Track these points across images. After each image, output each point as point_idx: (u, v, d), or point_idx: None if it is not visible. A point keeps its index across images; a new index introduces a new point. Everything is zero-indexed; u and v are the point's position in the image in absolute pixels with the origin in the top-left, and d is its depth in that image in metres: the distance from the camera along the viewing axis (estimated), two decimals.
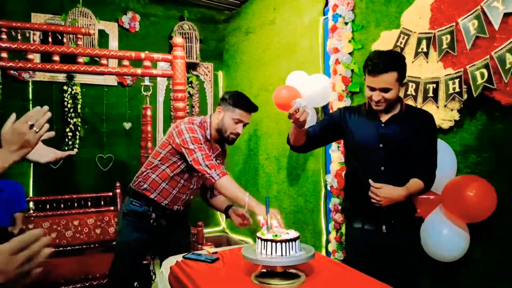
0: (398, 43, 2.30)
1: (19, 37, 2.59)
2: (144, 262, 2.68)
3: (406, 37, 2.26)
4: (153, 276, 2.76)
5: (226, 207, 2.27)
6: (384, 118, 1.90)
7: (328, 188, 2.97)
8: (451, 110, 2.05)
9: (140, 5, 4.38)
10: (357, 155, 1.96)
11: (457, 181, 1.98)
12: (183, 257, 1.99)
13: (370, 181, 1.79)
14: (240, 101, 2.07)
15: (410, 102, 2.25)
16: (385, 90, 1.79)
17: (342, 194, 2.80)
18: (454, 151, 2.06)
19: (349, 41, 2.73)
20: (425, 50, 2.14)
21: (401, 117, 1.87)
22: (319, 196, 3.17)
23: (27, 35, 3.53)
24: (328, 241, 3.03)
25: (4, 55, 2.44)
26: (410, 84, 2.22)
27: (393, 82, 1.76)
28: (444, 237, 2.00)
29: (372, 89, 1.81)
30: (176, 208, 2.23)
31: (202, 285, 1.64)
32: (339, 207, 2.82)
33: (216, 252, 2.05)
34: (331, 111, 2.90)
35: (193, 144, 2.01)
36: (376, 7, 2.55)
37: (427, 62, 2.14)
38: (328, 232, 3.04)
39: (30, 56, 2.49)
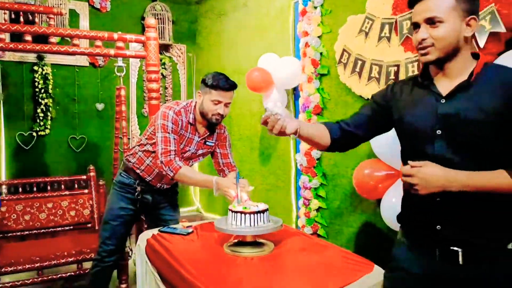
0: (363, 28, 2.42)
1: None
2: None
3: (370, 22, 2.38)
4: (130, 252, 2.85)
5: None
6: (446, 88, 1.27)
7: (298, 166, 3.11)
8: None
9: None
10: (410, 147, 1.37)
11: None
12: (159, 230, 2.09)
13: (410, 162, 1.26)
14: (215, 81, 2.12)
15: (373, 84, 2.38)
16: (432, 21, 1.21)
17: (310, 172, 2.95)
18: None
19: (318, 25, 2.83)
20: (387, 34, 2.27)
21: (476, 84, 1.22)
22: (289, 175, 3.31)
23: None
24: (298, 217, 3.18)
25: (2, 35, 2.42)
26: (374, 67, 2.36)
27: (447, 9, 1.19)
28: None
29: (416, 25, 1.26)
30: (160, 186, 2.34)
31: (178, 255, 1.75)
32: (308, 184, 2.96)
33: (190, 226, 2.16)
34: (301, 93, 3.02)
35: (160, 132, 2.13)
36: None
37: (389, 46, 2.27)
38: (298, 208, 3.19)
39: (1, 36, 2.47)
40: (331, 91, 2.79)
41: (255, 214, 1.77)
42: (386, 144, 2.15)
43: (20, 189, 3.13)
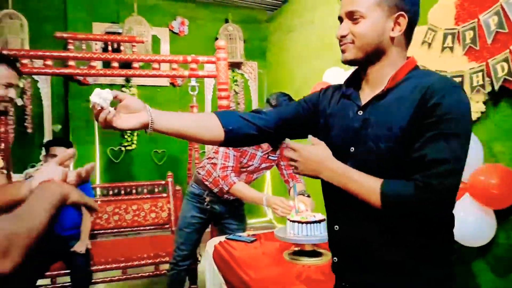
0: (426, 39, 2.41)
1: (84, 47, 2.95)
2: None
3: (433, 33, 2.36)
4: (199, 257, 3.08)
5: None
6: (365, 99, 1.12)
7: None
8: (477, 102, 2.14)
9: (187, 10, 4.71)
10: None
11: (483, 169, 2.08)
12: (225, 237, 2.26)
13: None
14: (278, 102, 2.22)
15: None
16: (353, 16, 1.07)
17: None
18: (480, 141, 2.15)
19: None
20: (450, 45, 2.24)
21: (392, 94, 1.06)
22: None
23: (90, 43, 3.95)
24: None
25: (72, 63, 2.80)
26: None
27: (369, 1, 1.05)
28: (471, 223, 2.10)
29: (340, 20, 1.12)
30: (226, 197, 2.52)
31: (241, 260, 1.89)
32: None
33: (254, 235, 2.30)
34: None
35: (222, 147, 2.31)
36: None
37: (452, 56, 2.24)
38: None
39: (93, 63, 2.84)
40: None
41: (312, 224, 1.85)
42: None
43: (111, 192, 3.57)
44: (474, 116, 2.18)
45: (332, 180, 1.08)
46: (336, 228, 1.17)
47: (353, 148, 1.11)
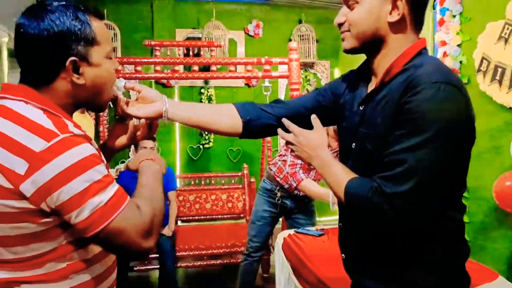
0: (503, 34, 2.33)
1: (168, 53, 3.26)
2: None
3: (510, 27, 2.28)
4: (272, 249, 3.24)
5: None
6: (370, 87, 1.09)
7: None
8: None
9: (262, 13, 4.90)
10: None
11: None
12: (295, 231, 2.39)
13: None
14: None
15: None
16: (348, 2, 1.02)
17: None
18: None
19: (457, 33, 2.78)
20: None
21: (387, 88, 1.00)
22: None
23: (174, 48, 4.30)
24: None
25: (158, 68, 3.11)
26: None
27: None
28: None
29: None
30: (296, 193, 2.65)
31: (308, 252, 2.01)
32: None
33: (322, 229, 2.40)
34: None
35: None
36: None
37: None
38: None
39: (176, 68, 3.13)
40: (472, 100, 2.70)
41: None
42: None
43: (192, 182, 3.91)
44: None
45: (319, 168, 1.07)
46: (340, 225, 1.17)
47: (354, 144, 1.07)
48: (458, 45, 2.80)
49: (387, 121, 0.95)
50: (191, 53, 3.38)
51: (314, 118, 1.14)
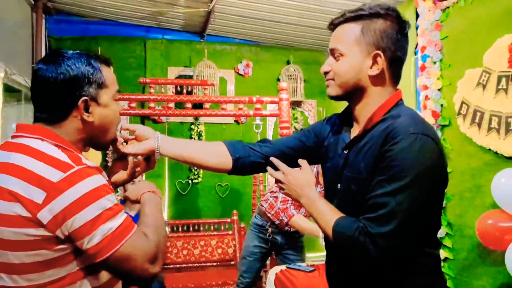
0: (481, 80, 2.51)
1: (162, 90, 3.36)
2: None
3: (487, 75, 2.46)
4: (264, 286, 3.25)
5: None
6: (353, 134, 1.17)
7: None
8: None
9: (252, 54, 5.09)
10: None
11: None
12: (287, 267, 2.43)
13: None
14: None
15: (494, 134, 2.41)
16: (334, 54, 1.13)
17: None
18: None
19: (438, 78, 2.97)
20: (504, 87, 2.33)
21: (369, 136, 1.10)
22: None
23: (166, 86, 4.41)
24: None
25: (152, 104, 3.20)
26: (493, 118, 2.40)
27: (350, 41, 1.10)
28: None
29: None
30: (287, 228, 2.71)
31: (300, 287, 2.05)
32: None
33: (313, 265, 2.45)
34: None
35: None
36: (461, 48, 2.78)
37: (507, 98, 2.31)
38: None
39: (170, 105, 3.22)
40: (453, 141, 2.85)
41: None
42: (510, 194, 2.17)
43: (180, 229, 3.84)
44: None
45: (307, 206, 1.15)
46: (327, 261, 1.25)
47: (339, 185, 1.16)
48: (438, 89, 2.98)
49: (370, 166, 1.05)
50: (184, 90, 3.50)
51: (301, 160, 1.22)
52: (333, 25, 1.18)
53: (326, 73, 1.16)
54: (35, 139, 1.00)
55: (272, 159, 1.23)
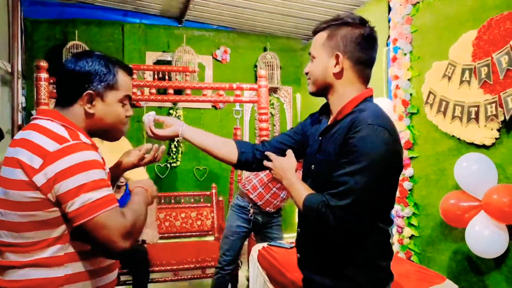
0: (447, 72, 2.72)
1: (141, 74, 3.43)
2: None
3: (453, 67, 2.67)
4: (240, 263, 3.42)
5: None
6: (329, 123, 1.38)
7: None
8: (491, 129, 2.42)
9: (230, 40, 5.18)
10: None
11: (497, 189, 2.34)
12: (268, 244, 2.60)
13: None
14: None
15: (457, 122, 2.64)
16: (310, 57, 1.36)
17: (403, 202, 3.22)
18: (495, 163, 2.41)
19: (408, 69, 3.18)
20: (468, 79, 2.54)
21: (339, 125, 1.29)
22: None
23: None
24: (392, 243, 3.44)
25: (134, 90, 3.26)
26: (457, 107, 2.63)
27: (318, 46, 1.32)
28: (486, 237, 2.36)
29: None
30: (268, 210, 2.87)
31: (283, 262, 2.23)
32: (401, 213, 3.23)
33: (292, 242, 2.63)
34: None
35: None
36: (429, 41, 2.98)
37: (470, 89, 2.54)
38: (392, 235, 3.45)
39: (152, 90, 3.30)
40: (420, 128, 3.08)
41: None
42: (470, 176, 2.40)
43: (162, 201, 3.99)
44: (490, 142, 2.46)
45: (286, 186, 1.36)
46: (298, 230, 1.45)
47: (313, 166, 1.38)
48: (408, 79, 3.19)
49: (336, 151, 1.24)
50: (161, 75, 3.56)
51: (288, 151, 1.44)
52: (313, 34, 1.38)
53: (306, 73, 1.37)
54: (46, 120, 1.18)
55: (266, 152, 1.46)
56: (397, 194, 3.27)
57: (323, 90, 1.35)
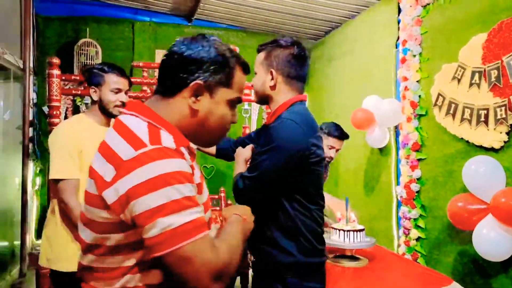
0: (456, 75, 2.72)
1: (152, 72, 3.46)
2: None
3: (462, 70, 2.67)
4: (250, 263, 3.43)
5: None
6: None
7: (399, 198, 3.41)
8: (500, 132, 2.42)
9: (239, 39, 5.20)
10: None
11: (505, 192, 2.34)
12: None
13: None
14: (333, 131, 2.63)
15: (466, 125, 2.64)
16: (255, 73, 1.61)
17: (410, 203, 3.23)
18: (503, 167, 2.41)
19: (417, 71, 3.18)
20: (477, 81, 2.55)
21: (265, 129, 1.60)
22: (390, 205, 3.61)
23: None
24: (398, 245, 3.45)
25: (145, 88, 3.30)
26: (466, 110, 2.63)
27: (258, 63, 1.59)
28: (493, 239, 2.36)
29: None
30: None
31: None
32: (408, 215, 3.24)
33: None
34: (401, 131, 3.36)
35: None
36: (439, 42, 2.99)
37: (479, 92, 2.54)
38: (398, 237, 3.46)
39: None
40: (428, 130, 3.08)
41: (354, 232, 2.19)
42: (479, 179, 2.40)
43: None
44: (498, 145, 2.46)
45: (235, 168, 1.61)
46: None
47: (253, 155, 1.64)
48: (417, 81, 3.19)
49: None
50: None
51: (249, 145, 1.70)
52: (257, 52, 1.63)
53: (252, 85, 1.62)
54: (130, 115, 0.96)
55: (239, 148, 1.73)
56: (404, 195, 3.27)
57: (264, 99, 1.60)
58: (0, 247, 3.50)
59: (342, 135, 2.64)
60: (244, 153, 1.63)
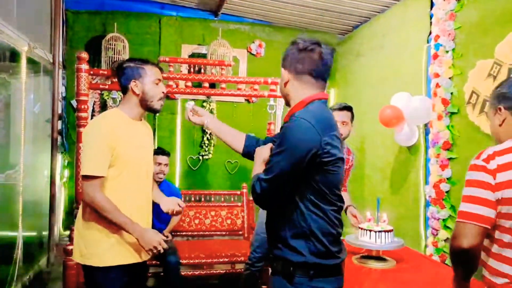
0: (492, 72, 2.61)
1: (178, 67, 3.47)
2: None
3: (498, 67, 2.56)
4: None
5: (345, 206, 2.63)
6: None
7: (427, 198, 3.31)
8: None
9: (265, 34, 5.16)
10: None
11: None
12: None
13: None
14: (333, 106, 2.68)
15: None
16: None
17: (439, 204, 3.14)
18: None
19: (449, 67, 3.07)
20: None
21: (281, 128, 1.59)
22: (418, 205, 3.52)
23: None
24: (426, 246, 3.36)
25: (171, 82, 3.30)
26: None
27: (281, 65, 1.64)
28: None
29: None
30: None
31: None
32: (437, 215, 3.15)
33: None
34: (431, 130, 3.26)
35: None
36: (474, 38, 2.87)
37: None
38: (426, 238, 3.37)
39: (188, 83, 3.32)
40: (460, 128, 2.98)
41: (382, 233, 2.14)
42: None
43: (192, 198, 4.01)
44: None
45: (254, 166, 1.61)
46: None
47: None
48: (449, 78, 3.08)
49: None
50: (202, 69, 3.59)
51: (269, 144, 1.68)
52: None
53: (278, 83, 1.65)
54: None
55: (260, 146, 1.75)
56: (433, 195, 3.18)
57: (285, 99, 1.63)
58: (29, 237, 3.59)
59: (340, 107, 2.65)
60: (262, 153, 1.61)
